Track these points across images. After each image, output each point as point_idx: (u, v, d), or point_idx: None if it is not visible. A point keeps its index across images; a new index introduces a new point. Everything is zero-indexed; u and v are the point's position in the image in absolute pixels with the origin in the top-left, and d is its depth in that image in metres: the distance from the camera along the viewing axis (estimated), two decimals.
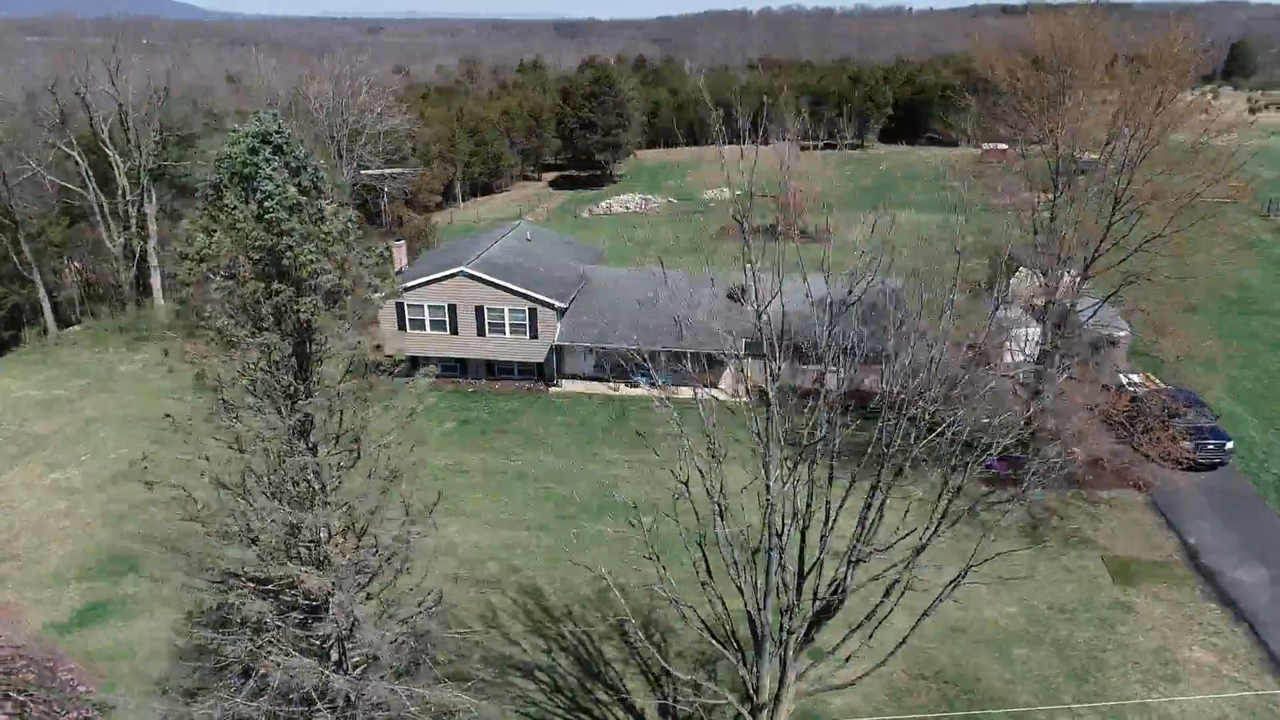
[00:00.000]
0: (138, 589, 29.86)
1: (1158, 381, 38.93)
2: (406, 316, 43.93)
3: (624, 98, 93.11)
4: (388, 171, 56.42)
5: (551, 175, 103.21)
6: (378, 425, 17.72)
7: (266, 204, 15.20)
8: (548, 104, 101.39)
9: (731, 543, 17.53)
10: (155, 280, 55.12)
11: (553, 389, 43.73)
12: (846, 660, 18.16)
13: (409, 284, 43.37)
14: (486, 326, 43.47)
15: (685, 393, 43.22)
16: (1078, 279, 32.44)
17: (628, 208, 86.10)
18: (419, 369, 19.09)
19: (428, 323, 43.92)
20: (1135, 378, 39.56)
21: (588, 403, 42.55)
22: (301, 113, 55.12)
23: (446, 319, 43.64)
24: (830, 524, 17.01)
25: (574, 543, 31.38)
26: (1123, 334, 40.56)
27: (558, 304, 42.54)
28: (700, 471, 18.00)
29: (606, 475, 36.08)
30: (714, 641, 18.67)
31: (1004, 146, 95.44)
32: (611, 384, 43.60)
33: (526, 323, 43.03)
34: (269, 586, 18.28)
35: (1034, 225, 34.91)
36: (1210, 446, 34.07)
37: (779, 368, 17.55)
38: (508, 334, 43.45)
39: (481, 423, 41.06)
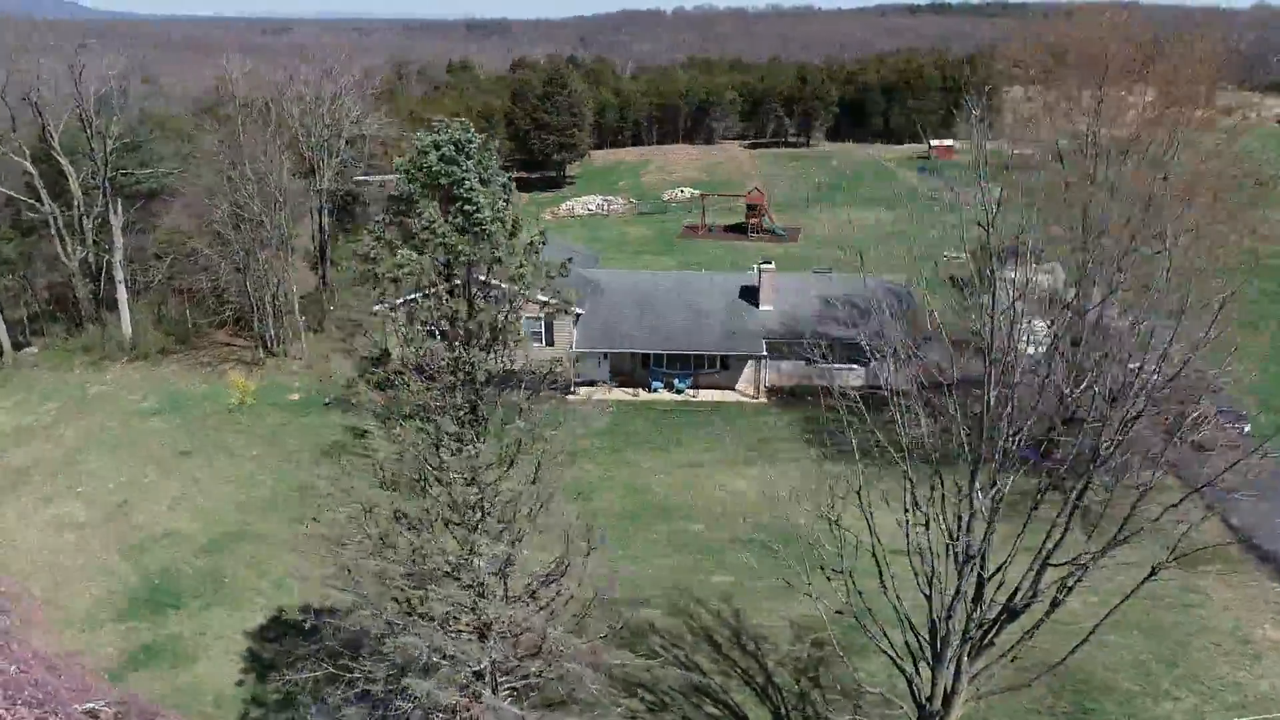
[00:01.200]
0: (183, 628, 27.94)
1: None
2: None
3: (578, 98, 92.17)
4: (382, 178, 54.40)
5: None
6: (545, 447, 16.81)
7: (476, 217, 14.25)
8: (497, 105, 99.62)
9: (920, 553, 17.25)
10: (121, 295, 51.88)
11: (570, 396, 42.80)
12: (1013, 660, 18.19)
13: (411, 295, 41.79)
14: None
15: (705, 395, 43.08)
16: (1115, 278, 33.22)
17: (590, 209, 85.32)
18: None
19: (437, 333, 42.39)
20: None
21: (610, 408, 41.81)
22: (272, 116, 52.55)
23: None
24: (1023, 530, 16.85)
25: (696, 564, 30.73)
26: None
27: (575, 309, 41.70)
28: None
29: (653, 482, 35.54)
30: (886, 652, 18.42)
31: (950, 143, 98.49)
32: (631, 390, 43.00)
33: (543, 330, 42.03)
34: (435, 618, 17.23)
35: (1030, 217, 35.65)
36: (1228, 428, 35.52)
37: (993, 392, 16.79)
38: None
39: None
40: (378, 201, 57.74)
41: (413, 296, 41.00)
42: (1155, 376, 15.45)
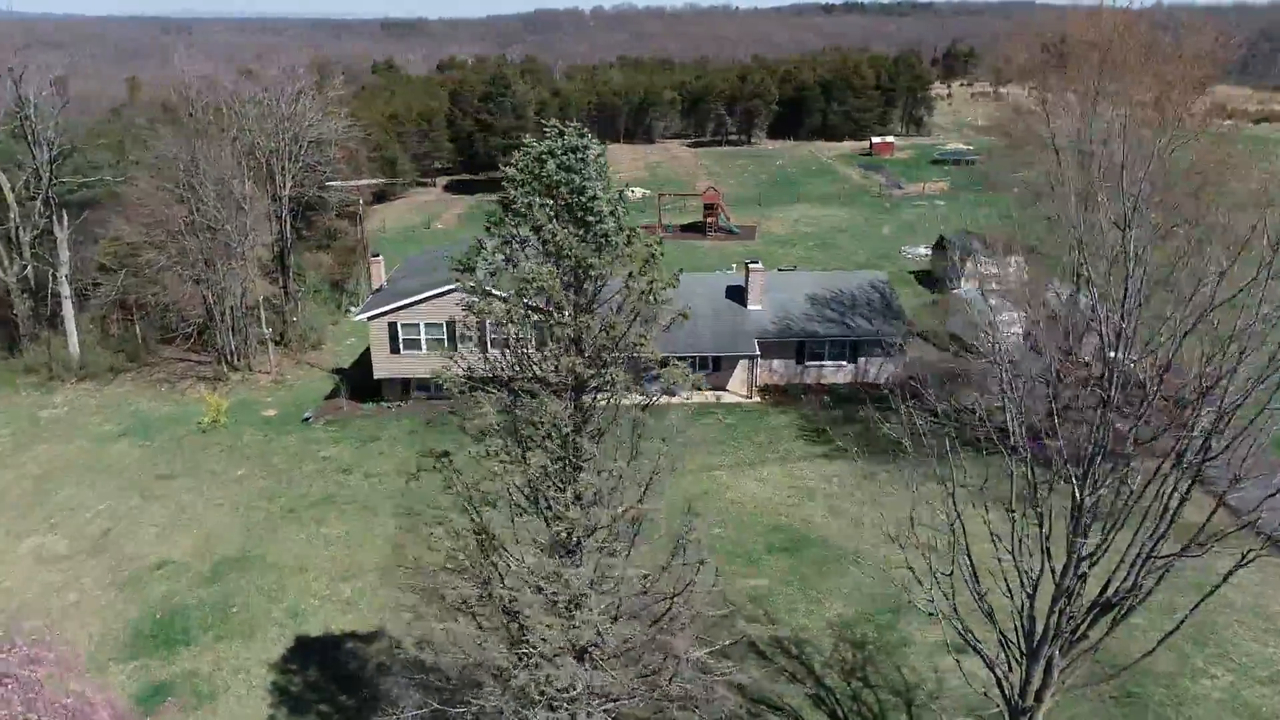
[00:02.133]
0: (198, 663, 26.40)
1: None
2: (400, 337, 41.13)
3: (521, 99, 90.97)
4: (355, 183, 52.59)
5: (444, 180, 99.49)
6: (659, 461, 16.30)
7: (599, 227, 13.69)
8: (434, 106, 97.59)
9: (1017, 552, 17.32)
10: (68, 312, 48.98)
11: None
12: (1095, 652, 18.49)
13: (403, 302, 40.61)
14: (489, 342, 41.21)
15: (699, 397, 42.83)
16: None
17: None
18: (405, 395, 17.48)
19: (424, 342, 41.30)
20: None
21: None
22: (218, 121, 50.28)
23: (445, 337, 41.17)
24: (1119, 523, 17.08)
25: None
26: None
27: None
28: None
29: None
30: (979, 651, 18.49)
31: (890, 139, 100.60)
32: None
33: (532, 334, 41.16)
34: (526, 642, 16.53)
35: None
36: None
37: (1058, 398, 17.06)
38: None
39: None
40: (335, 208, 55.98)
41: (400, 305, 39.59)
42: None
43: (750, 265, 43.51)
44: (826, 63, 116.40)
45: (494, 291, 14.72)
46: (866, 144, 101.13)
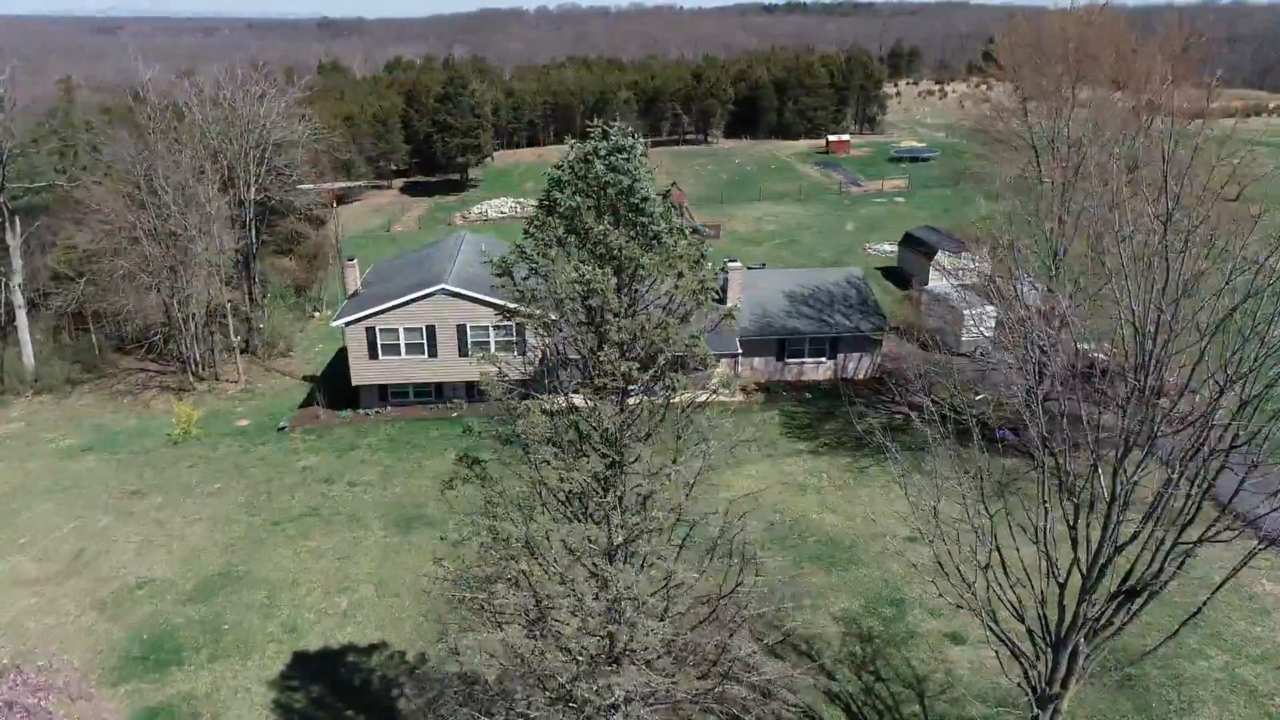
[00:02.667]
0: (193, 685, 25.51)
1: (1109, 346, 42.97)
2: (379, 342, 40.33)
3: (480, 99, 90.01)
4: (318, 187, 51.32)
5: (400, 182, 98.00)
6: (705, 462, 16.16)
7: (652, 228, 13.49)
8: (388, 106, 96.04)
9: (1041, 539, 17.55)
10: (22, 322, 47.06)
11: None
12: (1116, 639, 18.85)
13: (382, 307, 39.83)
14: (470, 345, 40.76)
15: (680, 396, 42.82)
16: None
17: (503, 212, 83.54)
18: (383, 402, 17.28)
19: (403, 347, 40.55)
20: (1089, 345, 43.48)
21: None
22: (177, 123, 48.79)
23: (424, 341, 40.49)
24: (1153, 513, 17.39)
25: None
26: None
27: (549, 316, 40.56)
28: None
29: None
30: (1008, 642, 18.71)
31: (845, 137, 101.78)
32: None
33: (513, 338, 40.76)
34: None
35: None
36: None
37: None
38: (493, 351, 40.86)
39: (485, 449, 38.34)
40: (302, 212, 54.69)
41: (379, 310, 38.81)
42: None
43: (729, 264, 43.57)
44: (780, 62, 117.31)
45: (538, 296, 14.36)
46: (823, 142, 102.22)
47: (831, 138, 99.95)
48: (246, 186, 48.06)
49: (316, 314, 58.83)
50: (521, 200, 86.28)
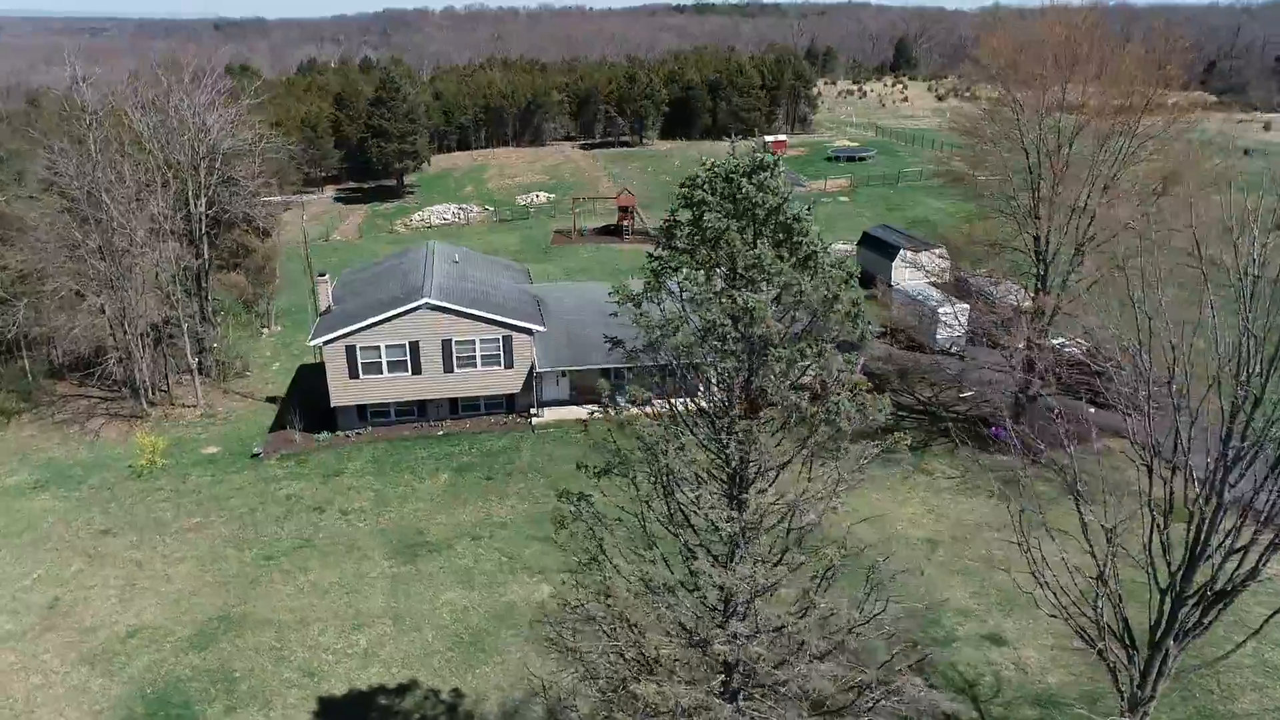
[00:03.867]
0: None
1: (1081, 341, 44.14)
2: (359, 361, 38.45)
3: (415, 102, 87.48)
4: (285, 199, 48.59)
5: (332, 189, 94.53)
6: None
7: (805, 247, 12.79)
8: (319, 111, 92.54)
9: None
10: None
11: (535, 419, 40.52)
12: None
13: (364, 324, 37.99)
14: (455, 361, 39.26)
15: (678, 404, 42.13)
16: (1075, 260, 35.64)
17: (445, 219, 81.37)
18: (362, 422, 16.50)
19: (385, 365, 38.78)
20: (1060, 339, 44.62)
21: (580, 428, 39.92)
22: (118, 132, 45.70)
23: (408, 358, 38.81)
24: (1245, 514, 17.54)
25: None
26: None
27: (536, 328, 39.48)
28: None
29: None
30: (1097, 648, 18.68)
31: (782, 138, 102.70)
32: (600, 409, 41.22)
33: (500, 352, 39.48)
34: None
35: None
36: None
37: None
38: (479, 366, 39.57)
39: (481, 468, 37.06)
40: (244, 225, 51.89)
41: (360, 327, 37.06)
42: None
43: None
44: (711, 63, 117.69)
45: (672, 327, 13.48)
46: (756, 142, 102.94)
47: (768, 138, 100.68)
48: (196, 198, 45.30)
49: (265, 330, 56.07)
50: (464, 206, 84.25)
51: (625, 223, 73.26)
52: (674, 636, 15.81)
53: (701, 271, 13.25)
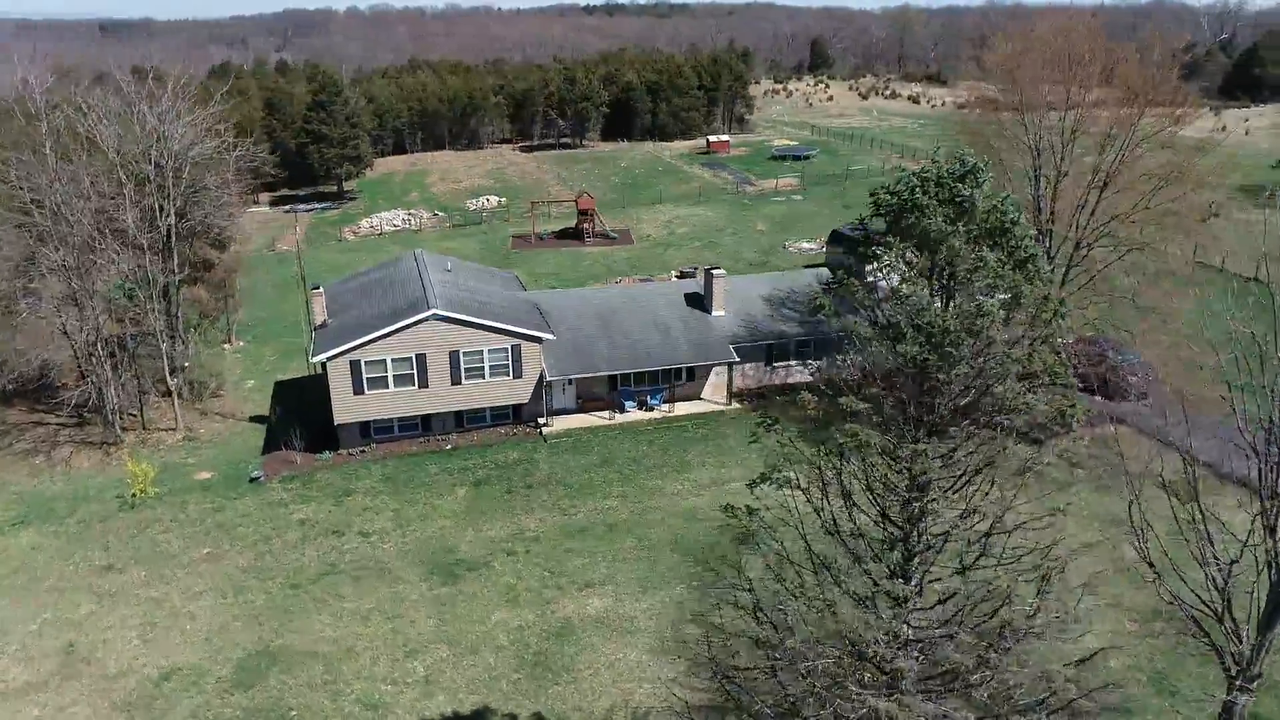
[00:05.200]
0: None
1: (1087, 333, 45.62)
2: (364, 375, 36.97)
3: (356, 106, 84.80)
4: (252, 209, 46.03)
5: (267, 197, 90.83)
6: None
7: (1026, 251, 12.72)
8: (251, 116, 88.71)
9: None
10: None
11: (545, 428, 39.69)
12: None
13: (369, 338, 36.54)
14: (463, 372, 38.14)
15: (681, 408, 41.84)
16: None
17: (396, 225, 79.13)
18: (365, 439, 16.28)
19: (391, 379, 37.39)
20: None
21: (593, 436, 39.30)
22: (70, 139, 42.83)
23: (414, 371, 37.51)
24: None
25: None
26: None
27: (546, 336, 38.69)
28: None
29: (698, 505, 33.93)
30: (1202, 628, 19.23)
31: (725, 138, 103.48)
32: (605, 414, 40.77)
33: (509, 362, 38.54)
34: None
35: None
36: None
37: None
38: (487, 377, 38.54)
39: (500, 481, 36.09)
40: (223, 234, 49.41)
41: (365, 341, 35.75)
42: None
43: (713, 272, 43.06)
44: (649, 64, 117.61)
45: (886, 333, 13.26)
46: (704, 143, 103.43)
47: (712, 138, 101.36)
48: (161, 210, 42.80)
49: (227, 345, 53.51)
50: (413, 212, 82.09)
51: (585, 225, 72.53)
52: (843, 652, 15.57)
53: (919, 277, 13.05)
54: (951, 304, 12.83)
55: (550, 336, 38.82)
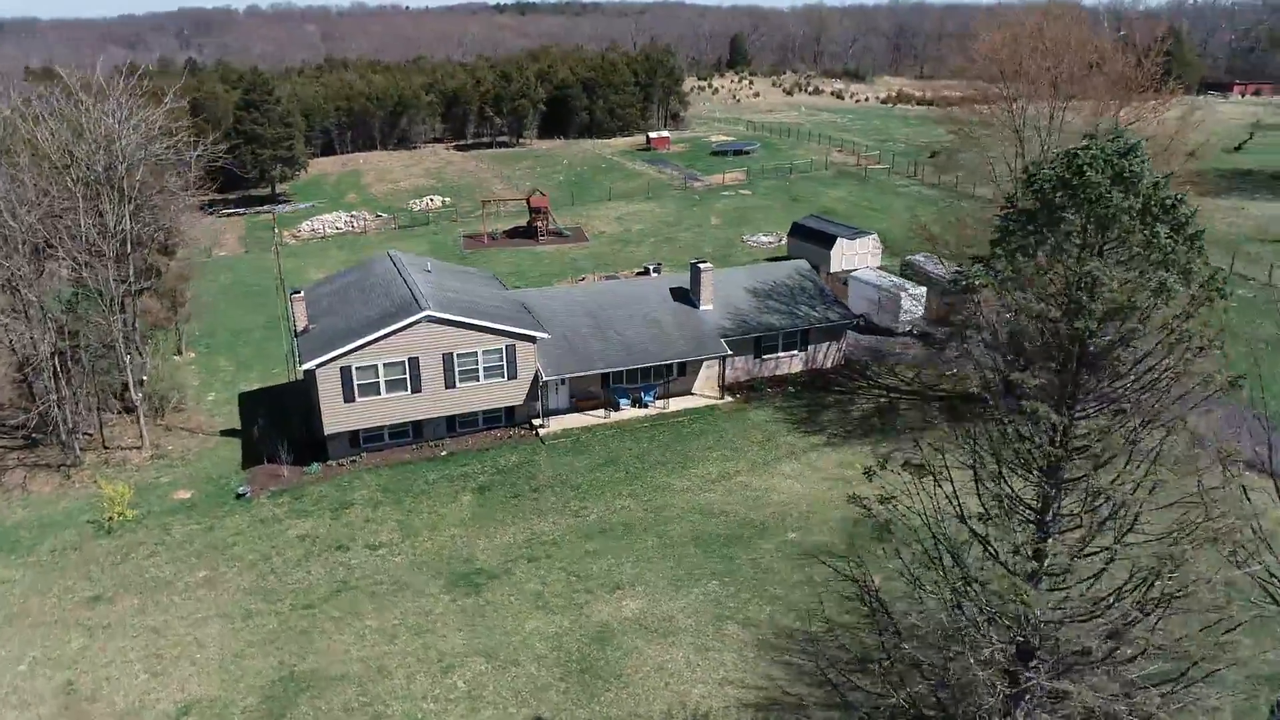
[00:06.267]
0: None
1: None
2: (355, 382, 35.35)
3: (289, 106, 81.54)
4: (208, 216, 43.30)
5: (195, 200, 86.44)
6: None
7: (1191, 228, 12.61)
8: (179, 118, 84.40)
9: None
10: None
11: (542, 430, 38.69)
12: None
13: (359, 342, 34.96)
14: (457, 375, 36.86)
15: (675, 404, 41.33)
16: None
17: (338, 228, 76.45)
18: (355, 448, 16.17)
19: (383, 385, 35.85)
20: None
21: (591, 436, 38.47)
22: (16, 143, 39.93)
23: (407, 375, 36.06)
24: None
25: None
26: None
27: (540, 335, 37.72)
28: None
29: (704, 501, 33.51)
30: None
31: (665, 134, 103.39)
32: (599, 412, 40.02)
33: (504, 363, 37.43)
34: None
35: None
36: None
37: None
38: (482, 379, 37.35)
39: (503, 486, 34.98)
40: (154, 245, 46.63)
41: (356, 346, 34.28)
42: None
43: (700, 266, 42.72)
44: (584, 61, 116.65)
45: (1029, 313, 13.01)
46: (643, 139, 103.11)
47: (652, 134, 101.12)
48: (114, 214, 40.14)
49: (178, 356, 50.69)
50: (355, 214, 79.45)
51: (539, 224, 71.36)
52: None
53: (1091, 256, 12.81)
54: (1125, 280, 12.65)
55: (545, 335, 37.87)
